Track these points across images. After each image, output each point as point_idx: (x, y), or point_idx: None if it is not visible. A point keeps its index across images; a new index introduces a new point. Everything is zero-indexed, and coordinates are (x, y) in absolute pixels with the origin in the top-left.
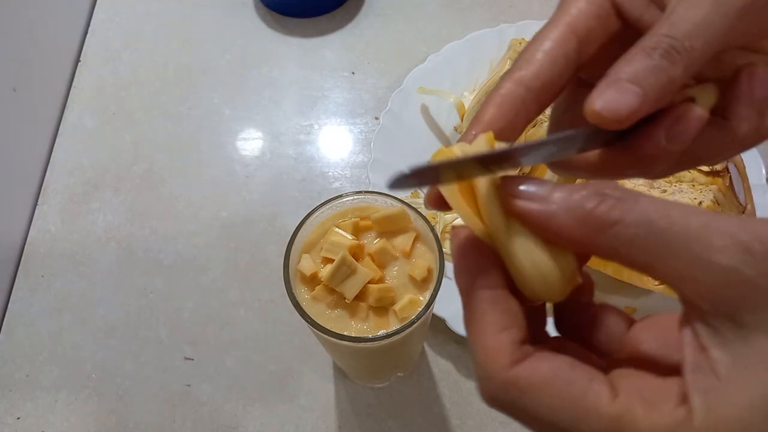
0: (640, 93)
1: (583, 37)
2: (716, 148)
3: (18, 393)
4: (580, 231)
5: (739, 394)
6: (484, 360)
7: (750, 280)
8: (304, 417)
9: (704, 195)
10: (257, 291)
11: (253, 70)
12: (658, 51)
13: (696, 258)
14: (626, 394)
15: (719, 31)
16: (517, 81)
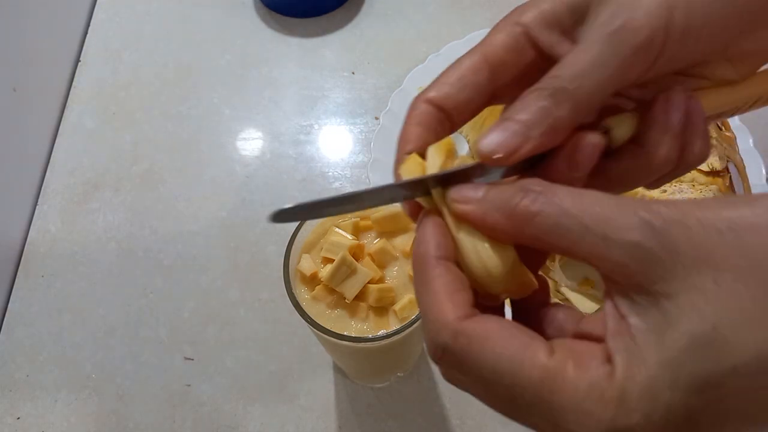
0: (522, 134)
1: (496, 66)
2: (635, 175)
3: (18, 393)
4: (510, 224)
5: (651, 355)
6: (438, 313)
7: (653, 253)
8: (304, 417)
9: (704, 194)
10: (257, 291)
11: (253, 70)
12: (546, 92)
13: (605, 238)
14: (561, 353)
15: (610, 72)
16: (428, 101)
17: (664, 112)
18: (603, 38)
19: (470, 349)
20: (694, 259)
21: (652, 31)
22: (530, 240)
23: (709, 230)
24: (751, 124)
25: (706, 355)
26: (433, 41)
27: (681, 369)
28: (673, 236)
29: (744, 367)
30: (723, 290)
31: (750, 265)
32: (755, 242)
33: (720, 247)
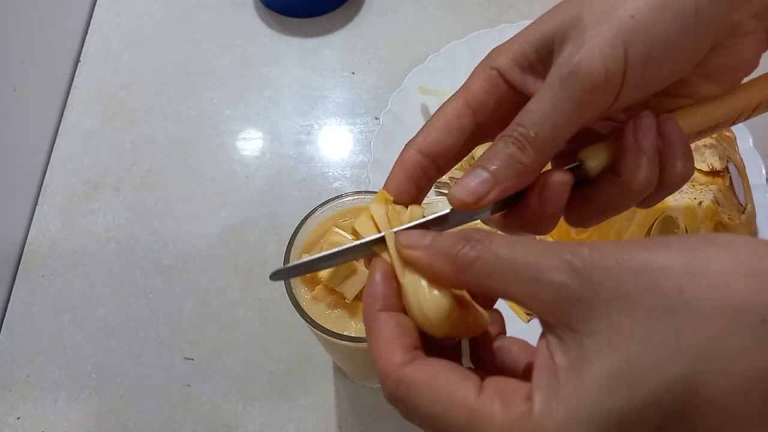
0: (490, 180)
1: (478, 109)
2: (617, 202)
3: (18, 393)
4: (452, 270)
5: (570, 392)
6: (382, 363)
7: (575, 292)
8: (304, 417)
9: (704, 195)
10: (257, 291)
11: (253, 70)
12: (510, 139)
13: (535, 280)
14: (489, 392)
15: (567, 115)
16: (417, 150)
17: (634, 137)
18: (557, 82)
19: (409, 395)
20: (612, 298)
21: (606, 71)
22: (471, 285)
23: (627, 271)
24: (751, 124)
25: (621, 391)
26: (433, 41)
27: (597, 406)
28: (594, 277)
29: (655, 404)
30: (637, 329)
31: (663, 305)
32: (667, 284)
33: (635, 287)
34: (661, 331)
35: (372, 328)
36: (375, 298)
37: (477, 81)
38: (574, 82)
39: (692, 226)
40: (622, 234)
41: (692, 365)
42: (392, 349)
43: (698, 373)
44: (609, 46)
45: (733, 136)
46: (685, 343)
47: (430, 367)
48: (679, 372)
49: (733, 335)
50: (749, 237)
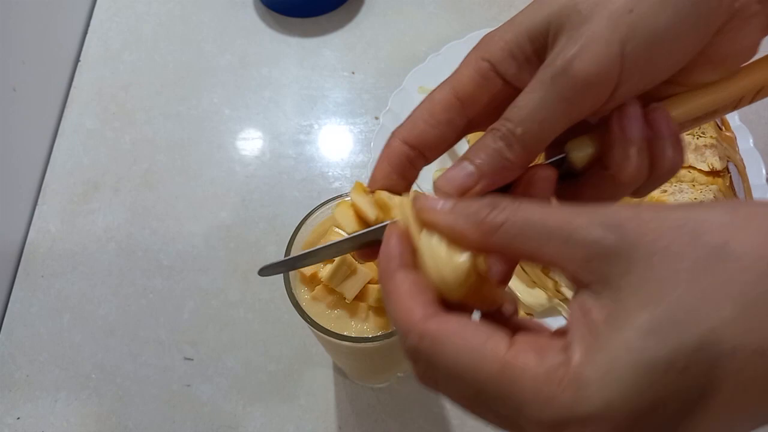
0: (475, 174)
1: (466, 100)
2: (607, 193)
3: (18, 393)
4: (477, 232)
5: (612, 340)
6: (404, 317)
7: (612, 247)
8: (304, 417)
9: (704, 195)
10: (257, 291)
11: (253, 70)
12: (498, 134)
13: (568, 239)
14: (520, 344)
15: (557, 113)
16: (402, 140)
17: (619, 128)
18: (548, 79)
19: (434, 348)
20: (653, 251)
21: (599, 70)
22: (497, 248)
23: (667, 224)
24: (751, 124)
25: (669, 337)
26: (433, 41)
27: (643, 352)
28: (632, 230)
29: (707, 348)
30: (682, 279)
31: (708, 256)
32: (710, 236)
33: (677, 239)
34: (707, 281)
35: (390, 286)
36: (391, 257)
37: (467, 72)
38: (565, 80)
39: None
40: None
41: (743, 310)
42: (413, 304)
43: (750, 319)
44: (605, 44)
45: (733, 136)
46: (734, 290)
47: (456, 320)
48: (729, 317)
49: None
50: None
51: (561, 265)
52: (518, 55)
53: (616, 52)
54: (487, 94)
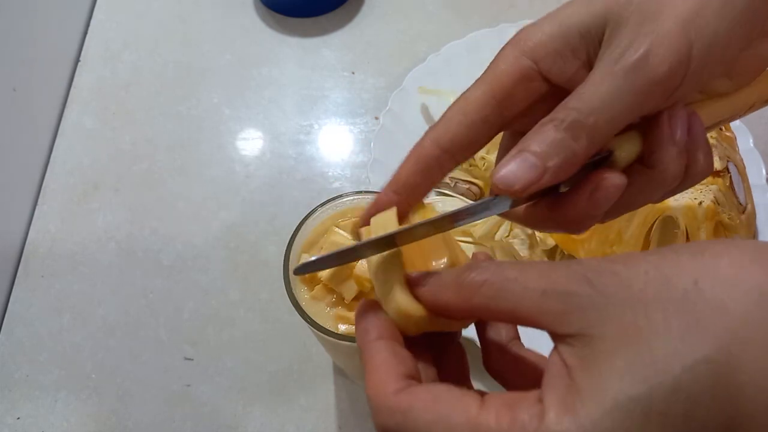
0: (540, 166)
1: (504, 101)
2: (645, 194)
3: (18, 393)
4: (459, 297)
5: (589, 388)
6: (374, 393)
7: (587, 298)
8: (304, 417)
9: (704, 195)
10: (257, 291)
11: (253, 70)
12: (563, 124)
13: (544, 292)
14: (491, 403)
15: (627, 106)
16: (434, 141)
17: (670, 129)
18: (620, 72)
19: (406, 422)
20: (625, 299)
21: (671, 67)
22: (479, 310)
23: (636, 272)
24: (751, 124)
25: (646, 378)
26: (433, 41)
27: (621, 394)
28: (604, 281)
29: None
30: (654, 322)
31: (679, 297)
32: (680, 278)
33: (647, 285)
34: (681, 321)
35: (365, 360)
36: (365, 330)
37: (506, 69)
38: (639, 72)
39: (692, 226)
40: (622, 234)
41: (718, 348)
42: (384, 379)
43: (725, 355)
44: (677, 43)
45: (733, 136)
46: (708, 328)
47: (425, 390)
48: (705, 355)
49: (757, 314)
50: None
51: (539, 321)
52: (567, 54)
53: (686, 52)
54: (527, 93)
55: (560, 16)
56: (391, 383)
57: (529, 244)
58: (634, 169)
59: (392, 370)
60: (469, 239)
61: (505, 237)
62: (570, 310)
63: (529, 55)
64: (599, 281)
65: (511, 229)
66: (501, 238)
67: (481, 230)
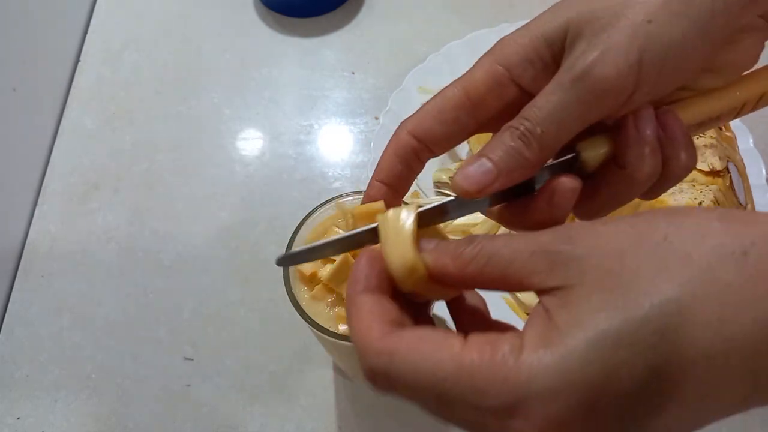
0: (494, 171)
1: (477, 102)
2: (621, 194)
3: (18, 393)
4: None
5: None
6: (362, 337)
7: (569, 254)
8: (304, 417)
9: (704, 195)
10: (257, 291)
11: (253, 70)
12: (516, 133)
13: (532, 253)
14: (474, 341)
15: (575, 116)
16: (410, 132)
17: (635, 129)
18: (567, 82)
19: (392, 362)
20: (603, 252)
21: (618, 77)
22: (473, 277)
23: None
24: (751, 124)
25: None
26: (433, 41)
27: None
28: (585, 239)
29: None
30: (627, 269)
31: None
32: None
33: (623, 239)
34: (651, 266)
35: (352, 308)
36: (357, 280)
37: (481, 75)
38: (585, 84)
39: None
40: None
41: (683, 290)
42: (370, 325)
43: (689, 297)
44: (624, 53)
45: (733, 136)
46: (674, 274)
47: (410, 333)
48: (671, 295)
49: (718, 266)
50: None
51: (528, 280)
52: (535, 60)
53: (635, 60)
54: (498, 98)
55: (531, 27)
56: (376, 328)
57: None
58: (608, 169)
59: (378, 317)
60: None
61: None
62: (555, 266)
63: (501, 62)
64: (581, 238)
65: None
66: None
67: (480, 230)
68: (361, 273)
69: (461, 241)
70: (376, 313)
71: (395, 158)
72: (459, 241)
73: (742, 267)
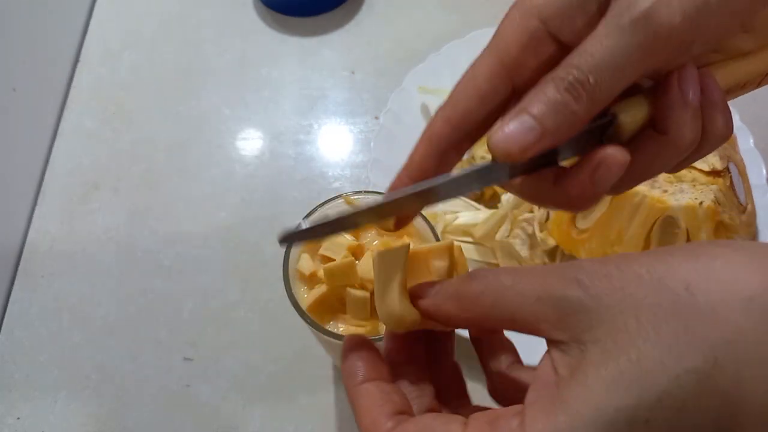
0: (538, 129)
1: (513, 67)
2: (661, 162)
3: (18, 393)
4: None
5: (572, 397)
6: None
7: (579, 303)
8: (304, 417)
9: (705, 195)
10: (257, 291)
11: (252, 70)
12: (563, 84)
13: (539, 299)
14: (474, 424)
15: (633, 62)
16: (444, 119)
17: (681, 92)
18: (627, 24)
19: None
20: (616, 302)
21: (684, 20)
22: (478, 320)
23: (630, 274)
24: (751, 124)
25: (631, 389)
26: (434, 40)
27: (605, 405)
28: (597, 284)
29: (668, 398)
30: (644, 328)
31: (670, 302)
32: (672, 282)
33: (639, 288)
34: (670, 327)
35: (354, 403)
36: (352, 374)
37: (513, 33)
38: (648, 27)
39: (693, 226)
40: (623, 234)
41: (705, 358)
42: (375, 420)
43: (712, 366)
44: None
45: (733, 136)
46: (696, 337)
47: (413, 423)
48: (693, 366)
49: (746, 325)
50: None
51: (537, 328)
52: (575, 8)
53: (702, 4)
54: (537, 57)
55: None
56: (382, 422)
57: (529, 244)
58: (646, 135)
59: (382, 409)
60: (470, 239)
61: (505, 237)
62: (563, 315)
63: (536, 15)
64: (592, 284)
65: (512, 230)
66: (501, 239)
67: (481, 230)
68: (354, 365)
69: (460, 281)
70: (378, 405)
71: (429, 150)
72: (458, 282)
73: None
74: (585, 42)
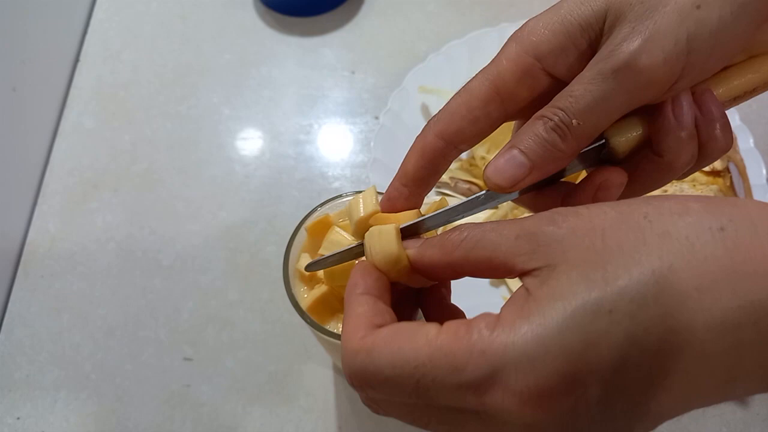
0: (527, 164)
1: (507, 97)
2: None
3: (18, 393)
4: (441, 252)
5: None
6: (344, 340)
7: (553, 235)
8: (304, 417)
9: (705, 195)
10: (257, 291)
11: (252, 70)
12: (551, 124)
13: (517, 236)
14: (449, 325)
15: (617, 106)
16: (438, 134)
17: (674, 117)
18: (609, 71)
19: (370, 359)
20: (585, 231)
21: (666, 66)
22: (459, 262)
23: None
24: (751, 124)
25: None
26: (433, 40)
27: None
28: (569, 220)
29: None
30: (608, 245)
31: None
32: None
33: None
34: (630, 242)
35: (345, 311)
36: (356, 283)
37: (509, 66)
38: (629, 74)
39: None
40: None
41: (661, 262)
42: (356, 327)
43: (666, 269)
44: (673, 40)
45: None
46: (654, 247)
47: (387, 328)
48: (650, 267)
49: (696, 241)
50: None
51: (513, 263)
52: (569, 49)
53: (683, 49)
54: (530, 89)
55: (562, 11)
56: (361, 330)
57: None
58: (643, 156)
59: (367, 320)
60: None
61: None
62: (538, 247)
63: (531, 52)
64: (564, 220)
65: None
66: None
67: None
68: (360, 278)
69: (448, 230)
70: (365, 316)
71: (422, 161)
72: (446, 231)
73: (719, 241)
74: (572, 84)
